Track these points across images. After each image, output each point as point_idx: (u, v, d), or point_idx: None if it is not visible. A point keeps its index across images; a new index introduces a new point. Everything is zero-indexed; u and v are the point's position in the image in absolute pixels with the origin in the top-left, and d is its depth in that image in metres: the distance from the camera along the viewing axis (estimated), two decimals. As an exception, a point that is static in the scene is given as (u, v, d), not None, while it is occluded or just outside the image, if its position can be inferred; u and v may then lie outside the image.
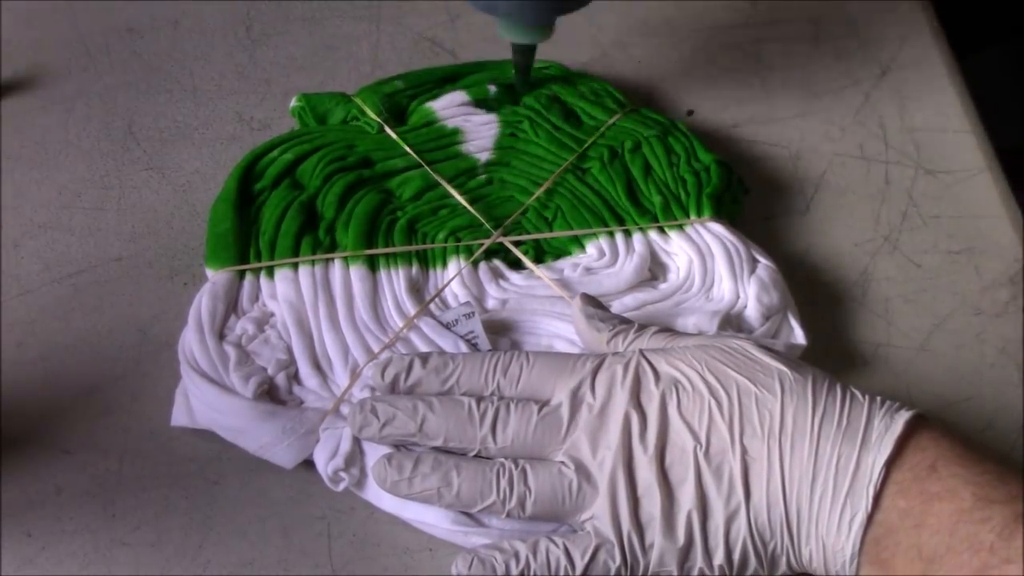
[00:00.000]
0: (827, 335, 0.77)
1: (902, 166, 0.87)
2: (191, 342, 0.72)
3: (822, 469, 0.57)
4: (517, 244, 0.79)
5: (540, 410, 0.63)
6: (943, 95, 0.92)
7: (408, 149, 0.83)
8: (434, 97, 0.87)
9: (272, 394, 0.71)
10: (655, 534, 0.60)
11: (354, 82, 0.89)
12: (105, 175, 0.85)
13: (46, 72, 0.92)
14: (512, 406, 0.63)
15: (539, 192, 0.81)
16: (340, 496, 0.68)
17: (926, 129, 0.89)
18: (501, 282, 0.77)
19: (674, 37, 0.95)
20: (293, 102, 0.87)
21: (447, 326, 0.73)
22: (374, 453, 0.68)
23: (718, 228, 0.79)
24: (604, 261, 0.78)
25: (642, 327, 0.66)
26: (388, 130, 0.85)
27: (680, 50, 0.94)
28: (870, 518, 0.57)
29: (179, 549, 0.67)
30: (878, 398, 0.61)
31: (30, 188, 0.84)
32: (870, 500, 0.57)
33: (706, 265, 0.77)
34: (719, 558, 0.59)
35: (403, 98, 0.87)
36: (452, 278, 0.76)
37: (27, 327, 0.77)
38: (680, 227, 0.79)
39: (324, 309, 0.74)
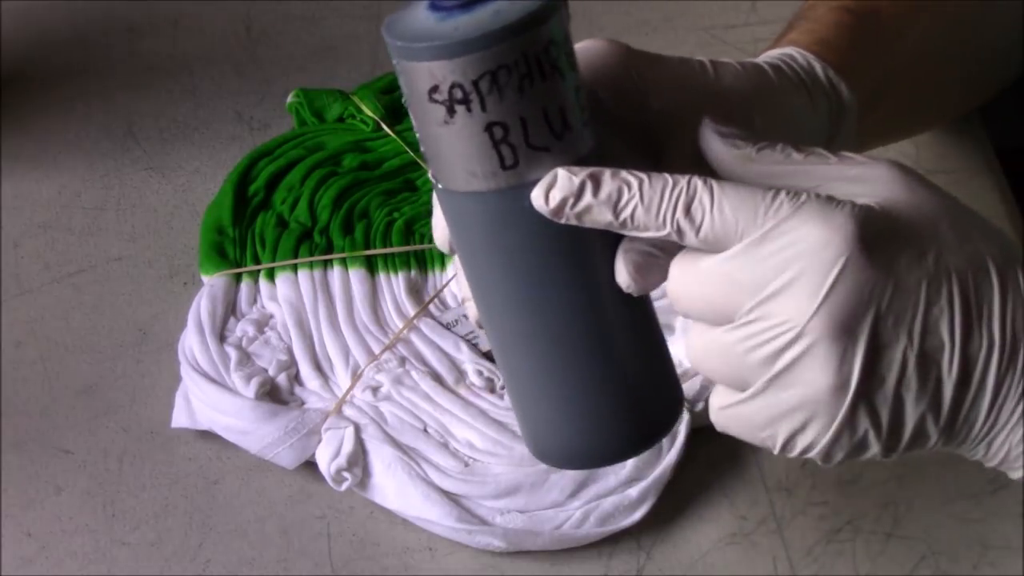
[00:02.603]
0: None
1: (902, 166, 0.87)
2: (192, 343, 0.72)
3: None
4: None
5: None
6: (943, 95, 0.91)
7: (407, 148, 0.83)
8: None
9: (273, 395, 0.71)
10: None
11: (354, 81, 0.89)
12: (105, 175, 0.85)
13: (46, 72, 0.92)
14: None
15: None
16: (340, 496, 0.68)
17: (926, 129, 0.89)
18: (501, 282, 0.77)
19: (674, 37, 0.95)
20: (290, 98, 0.87)
21: (447, 327, 0.73)
22: (377, 453, 0.68)
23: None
24: (604, 261, 0.78)
25: (786, 145, 0.52)
26: (385, 127, 0.85)
27: (680, 50, 0.94)
28: None
29: (179, 549, 0.67)
30: None
31: (30, 188, 0.84)
32: None
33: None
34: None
35: (400, 95, 0.87)
36: (451, 278, 0.76)
37: (27, 327, 0.77)
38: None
39: (324, 311, 0.74)
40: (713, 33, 0.96)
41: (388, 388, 0.70)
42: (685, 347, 0.50)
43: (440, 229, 0.54)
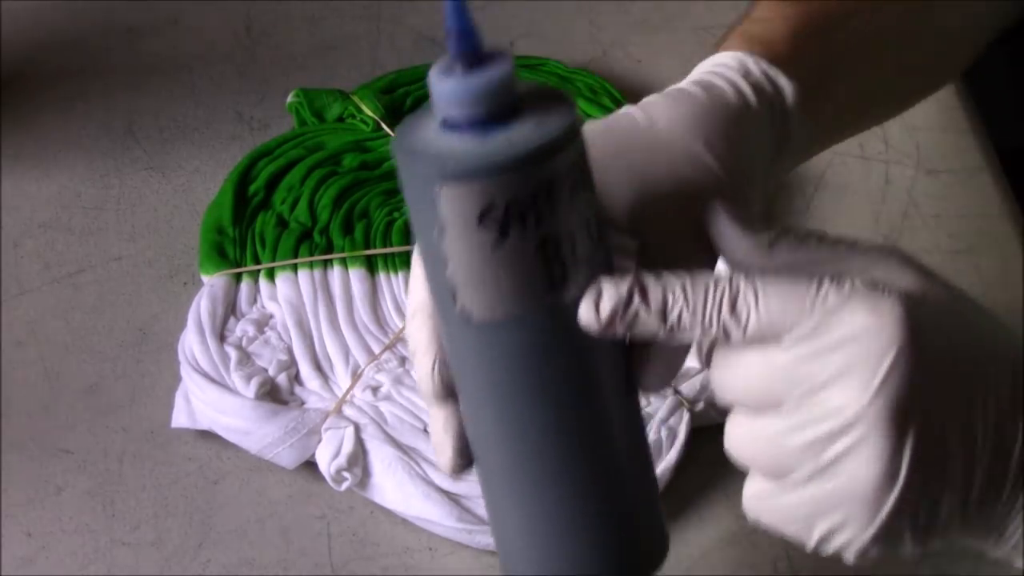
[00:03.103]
0: (827, 335, 0.77)
1: (902, 166, 0.87)
2: (192, 343, 0.72)
3: None
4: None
5: None
6: (943, 95, 0.91)
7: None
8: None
9: (274, 395, 0.71)
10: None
11: (354, 81, 0.89)
12: (105, 175, 0.85)
13: (46, 72, 0.92)
14: None
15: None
16: (340, 496, 0.68)
17: (926, 128, 0.89)
18: (501, 282, 0.77)
19: (674, 37, 0.95)
20: (290, 97, 0.87)
21: (447, 326, 0.73)
22: (377, 453, 0.68)
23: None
24: (604, 261, 0.78)
25: (802, 232, 0.50)
26: (385, 127, 0.85)
27: (680, 50, 0.94)
28: None
29: (179, 549, 0.67)
30: None
31: (30, 188, 0.84)
32: None
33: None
34: None
35: (401, 95, 0.87)
36: (452, 278, 0.76)
37: (27, 327, 0.77)
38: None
39: (324, 311, 0.74)
40: (713, 33, 0.96)
41: (388, 388, 0.70)
42: (726, 434, 0.48)
43: (432, 377, 0.51)
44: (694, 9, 0.97)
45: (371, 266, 0.76)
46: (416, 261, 0.50)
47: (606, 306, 0.45)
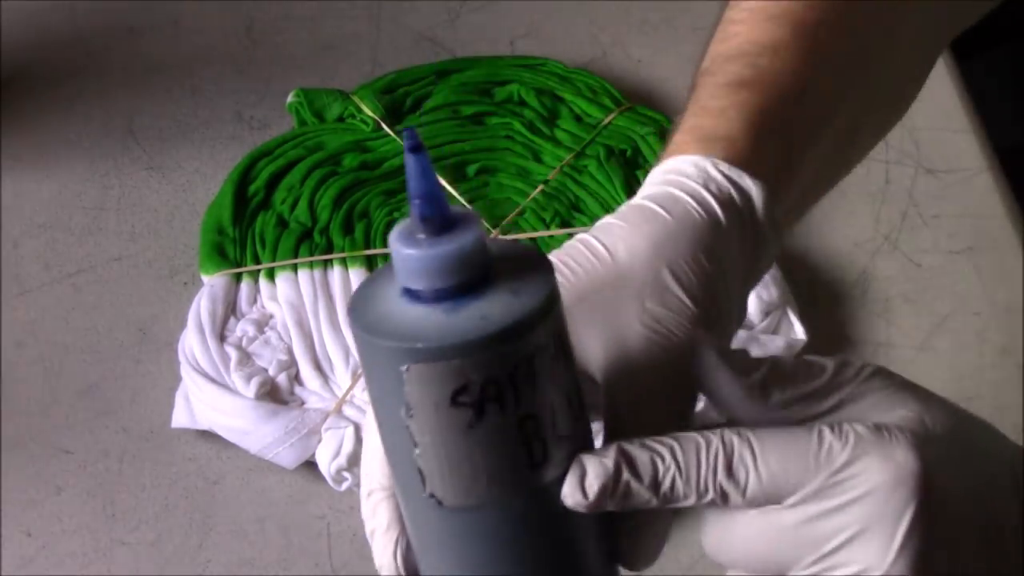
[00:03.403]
0: (827, 335, 0.77)
1: (902, 166, 0.87)
2: (192, 343, 0.72)
3: None
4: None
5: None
6: (943, 95, 0.92)
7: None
8: (429, 92, 0.87)
9: (274, 395, 0.71)
10: None
11: (354, 81, 0.89)
12: (105, 175, 0.85)
13: (46, 72, 0.92)
14: None
15: (536, 192, 0.81)
16: (340, 496, 0.68)
17: (926, 129, 0.89)
18: (501, 282, 0.77)
19: (674, 37, 0.95)
20: (290, 98, 0.87)
21: (447, 326, 0.73)
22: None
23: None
24: (604, 261, 0.78)
25: (789, 365, 0.45)
26: (385, 127, 0.85)
27: (680, 50, 0.94)
28: None
29: (179, 549, 0.67)
30: None
31: (30, 188, 0.84)
32: None
33: (706, 265, 0.77)
34: None
35: (401, 95, 0.87)
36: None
37: (27, 327, 0.77)
38: (680, 227, 0.79)
39: (324, 311, 0.74)
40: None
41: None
42: None
43: (396, 565, 0.46)
44: (694, 9, 0.97)
45: (371, 266, 0.76)
46: (370, 431, 0.46)
47: (593, 484, 0.41)
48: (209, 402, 0.70)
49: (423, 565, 0.44)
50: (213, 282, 0.75)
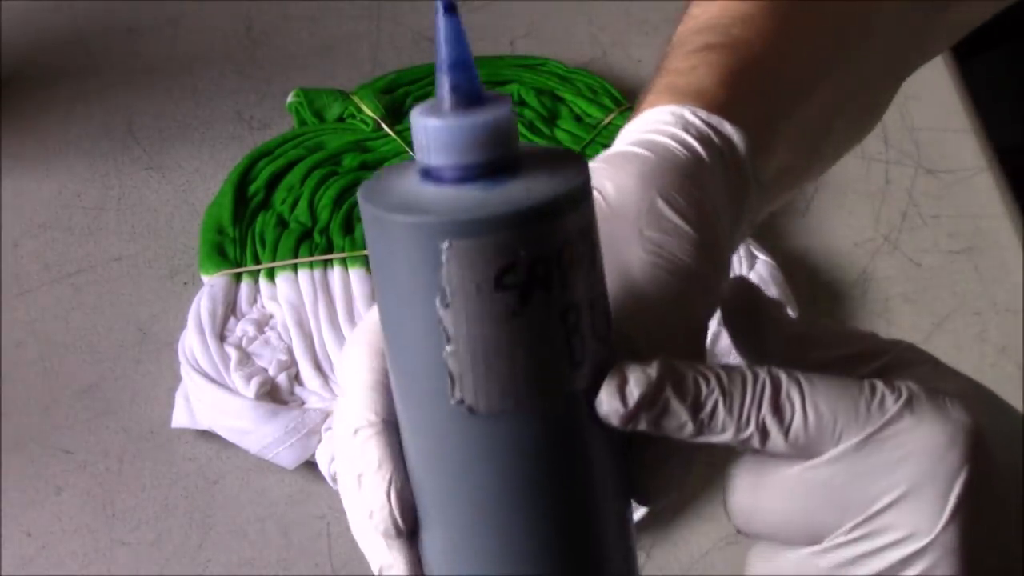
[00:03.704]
0: (827, 335, 0.77)
1: (902, 165, 0.87)
2: (192, 343, 0.72)
3: None
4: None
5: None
6: (943, 95, 0.92)
7: (406, 147, 0.83)
8: (430, 92, 0.87)
9: (274, 395, 0.71)
10: None
11: (354, 81, 0.89)
12: (105, 175, 0.85)
13: (46, 72, 0.92)
14: None
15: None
16: (340, 496, 0.68)
17: (926, 128, 0.89)
18: (501, 282, 0.77)
19: (674, 37, 0.95)
20: (290, 98, 0.87)
21: (447, 326, 0.73)
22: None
23: (718, 228, 0.79)
24: (604, 261, 0.78)
25: (836, 329, 0.43)
26: (385, 127, 0.85)
27: (680, 50, 0.94)
28: None
29: (179, 549, 0.67)
30: None
31: (30, 188, 0.84)
32: None
33: (706, 265, 0.77)
34: None
35: (401, 95, 0.87)
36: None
37: (27, 327, 0.77)
38: (680, 227, 0.79)
39: (324, 311, 0.74)
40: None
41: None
42: (749, 569, 0.41)
43: (390, 506, 0.40)
44: (694, 9, 0.97)
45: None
46: (354, 360, 0.42)
47: (634, 392, 0.38)
48: (209, 402, 0.70)
49: (423, 501, 0.39)
50: (213, 282, 0.75)
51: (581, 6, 0.96)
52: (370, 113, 0.85)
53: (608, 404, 0.38)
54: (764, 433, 0.38)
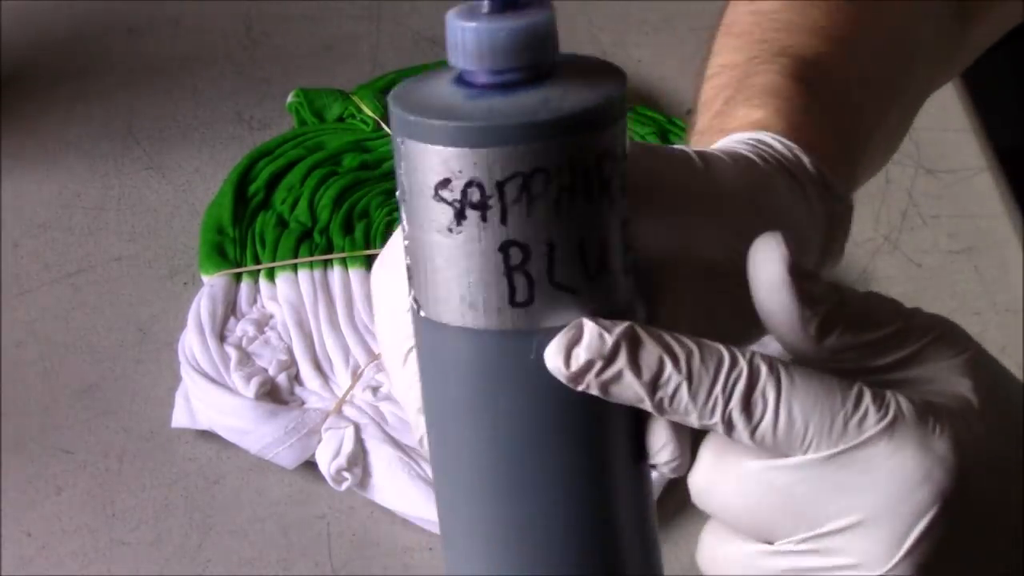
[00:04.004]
0: (827, 335, 0.77)
1: (902, 166, 0.87)
2: (192, 343, 0.72)
3: None
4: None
5: None
6: (943, 95, 0.91)
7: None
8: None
9: (274, 395, 0.71)
10: None
11: (354, 82, 0.89)
12: (105, 175, 0.85)
13: (46, 72, 0.92)
14: None
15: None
16: (340, 496, 0.68)
17: (926, 128, 0.89)
18: (501, 282, 0.77)
19: (674, 37, 0.95)
20: (290, 97, 0.87)
21: (447, 326, 0.73)
22: (377, 453, 0.68)
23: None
24: (604, 261, 0.78)
25: (863, 308, 0.39)
26: (385, 127, 0.85)
27: (680, 50, 0.94)
28: None
29: (179, 549, 0.67)
30: None
31: (30, 188, 0.84)
32: None
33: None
34: None
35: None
36: (452, 278, 0.76)
37: (27, 327, 0.77)
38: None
39: (324, 311, 0.74)
40: (713, 33, 0.96)
41: (388, 388, 0.70)
42: (700, 545, 0.39)
43: (407, 383, 0.41)
44: (694, 9, 0.97)
45: (371, 266, 0.76)
46: (382, 288, 0.42)
47: (580, 354, 0.36)
48: (209, 402, 0.70)
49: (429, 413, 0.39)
50: (213, 282, 0.75)
51: (581, 6, 0.96)
52: (370, 113, 0.85)
53: (552, 360, 0.36)
54: (729, 425, 0.36)
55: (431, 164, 0.34)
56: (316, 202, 0.80)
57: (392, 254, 0.42)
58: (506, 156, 0.34)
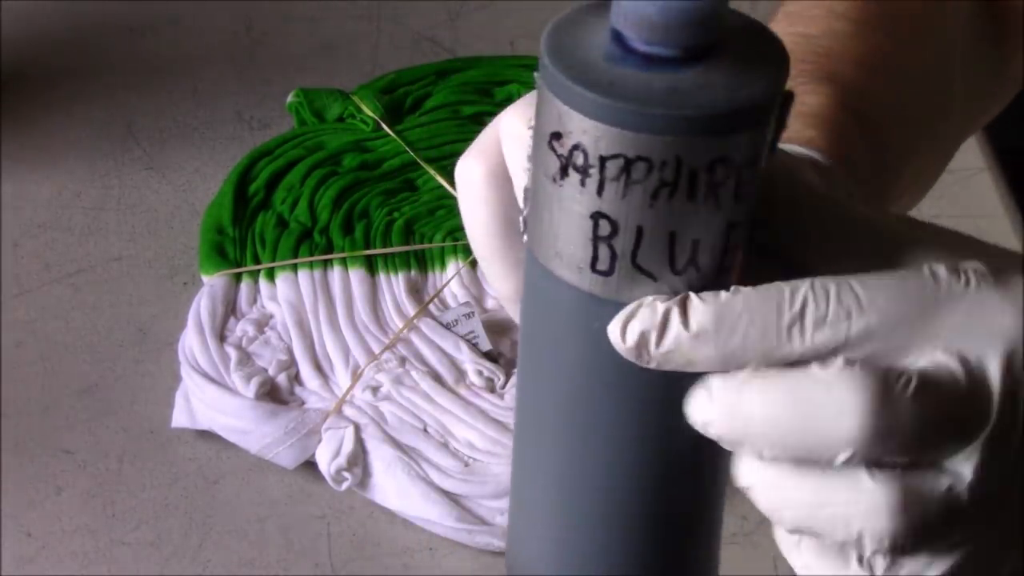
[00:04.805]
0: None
1: (902, 166, 0.87)
2: (192, 343, 0.72)
3: None
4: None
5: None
6: (943, 95, 0.92)
7: (406, 147, 0.83)
8: (430, 92, 0.87)
9: (274, 395, 0.71)
10: None
11: (354, 82, 0.89)
12: (105, 175, 0.85)
13: (46, 72, 0.92)
14: None
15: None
16: (340, 496, 0.68)
17: (926, 129, 0.89)
18: (501, 282, 0.77)
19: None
20: (290, 98, 0.87)
21: (447, 326, 0.73)
22: (377, 453, 0.68)
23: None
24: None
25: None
26: (385, 127, 0.85)
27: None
28: None
29: (179, 549, 0.67)
30: None
31: (30, 188, 0.84)
32: None
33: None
34: None
35: (401, 95, 0.87)
36: (451, 278, 0.76)
37: (27, 327, 0.77)
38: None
39: (324, 311, 0.74)
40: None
41: (388, 388, 0.70)
42: (762, 496, 0.37)
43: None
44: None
45: (371, 266, 0.76)
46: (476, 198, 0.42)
47: (635, 328, 0.35)
48: (209, 402, 0.70)
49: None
50: (213, 282, 0.75)
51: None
52: (370, 113, 0.85)
53: (612, 333, 0.35)
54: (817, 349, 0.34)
55: (551, 112, 0.34)
56: (316, 202, 0.80)
57: (480, 145, 0.42)
58: (612, 135, 0.33)
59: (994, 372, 0.34)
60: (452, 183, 0.81)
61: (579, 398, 0.37)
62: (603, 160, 0.33)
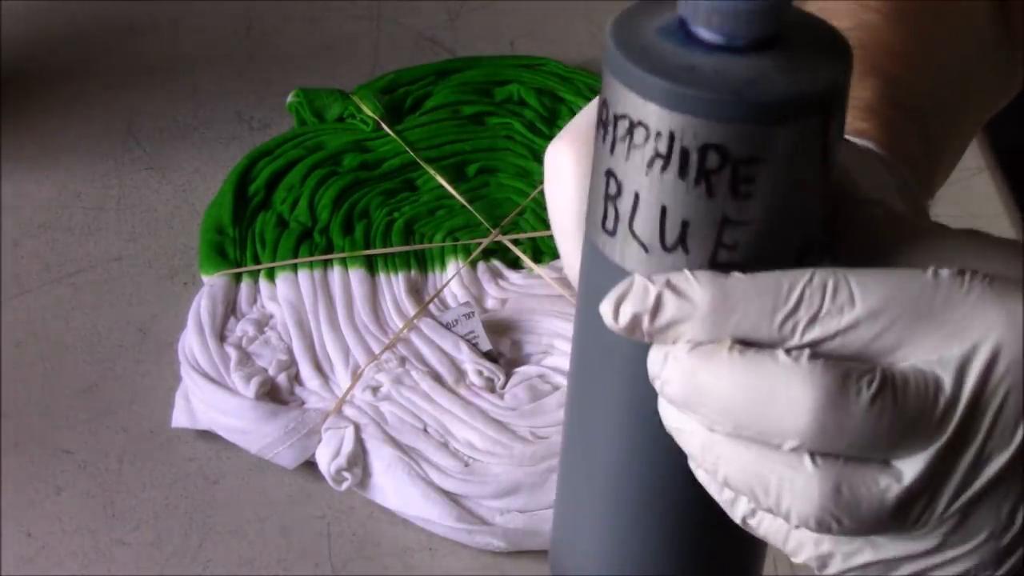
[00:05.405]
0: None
1: (902, 166, 0.87)
2: (192, 343, 0.72)
3: None
4: (515, 243, 0.79)
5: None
6: (943, 95, 0.92)
7: (407, 147, 0.83)
8: (430, 92, 0.87)
9: (274, 395, 0.71)
10: None
11: (354, 82, 0.89)
12: (105, 175, 0.85)
13: (46, 72, 0.92)
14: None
15: (536, 192, 0.81)
16: (340, 496, 0.68)
17: (926, 129, 0.89)
18: (500, 282, 0.77)
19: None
20: (290, 98, 0.87)
21: (447, 326, 0.73)
22: (377, 453, 0.68)
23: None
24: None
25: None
26: (385, 127, 0.85)
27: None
28: None
29: (179, 549, 0.67)
30: None
31: (30, 188, 0.84)
32: None
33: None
34: None
35: (401, 95, 0.87)
36: (451, 278, 0.76)
37: (27, 327, 0.77)
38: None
39: (324, 311, 0.74)
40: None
41: (388, 388, 0.70)
42: (695, 447, 0.36)
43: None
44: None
45: (371, 266, 0.76)
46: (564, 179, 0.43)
47: (627, 310, 0.35)
48: (209, 402, 0.70)
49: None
50: (213, 282, 0.75)
51: (581, 6, 0.96)
52: (370, 113, 0.85)
53: (605, 314, 0.36)
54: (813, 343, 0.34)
55: (608, 81, 0.36)
56: (316, 202, 0.80)
57: (571, 129, 0.43)
58: (619, 95, 0.35)
59: (969, 383, 0.34)
60: (452, 183, 0.81)
61: (634, 387, 0.37)
62: (616, 119, 0.35)
